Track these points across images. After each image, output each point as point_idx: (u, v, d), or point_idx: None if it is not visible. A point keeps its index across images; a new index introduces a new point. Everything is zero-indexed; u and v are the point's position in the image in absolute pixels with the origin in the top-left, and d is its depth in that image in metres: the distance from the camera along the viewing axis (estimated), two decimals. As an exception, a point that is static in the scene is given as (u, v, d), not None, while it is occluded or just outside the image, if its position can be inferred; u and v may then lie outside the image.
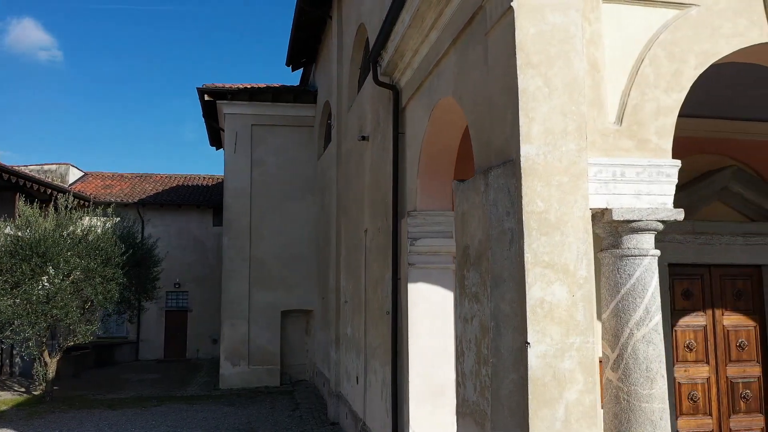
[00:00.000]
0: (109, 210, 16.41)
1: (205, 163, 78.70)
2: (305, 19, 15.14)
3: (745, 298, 8.78)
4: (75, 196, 17.98)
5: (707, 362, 8.56)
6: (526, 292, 3.94)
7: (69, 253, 14.50)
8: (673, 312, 8.47)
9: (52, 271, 14.22)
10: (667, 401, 4.20)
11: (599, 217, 4.29)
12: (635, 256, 4.23)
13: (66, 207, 15.13)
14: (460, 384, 4.84)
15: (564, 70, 4.17)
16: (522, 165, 4.04)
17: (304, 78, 19.87)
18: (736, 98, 8.01)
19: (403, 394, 7.37)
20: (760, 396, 8.64)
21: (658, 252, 4.32)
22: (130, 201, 24.50)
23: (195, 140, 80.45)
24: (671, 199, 4.33)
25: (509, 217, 4.14)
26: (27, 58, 75.63)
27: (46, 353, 15.56)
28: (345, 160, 12.65)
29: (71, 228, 14.85)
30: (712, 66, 5.07)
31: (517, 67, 4.12)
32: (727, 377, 8.58)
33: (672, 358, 8.35)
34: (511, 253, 4.11)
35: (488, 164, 4.53)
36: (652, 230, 4.27)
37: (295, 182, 17.99)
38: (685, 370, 8.51)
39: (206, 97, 17.59)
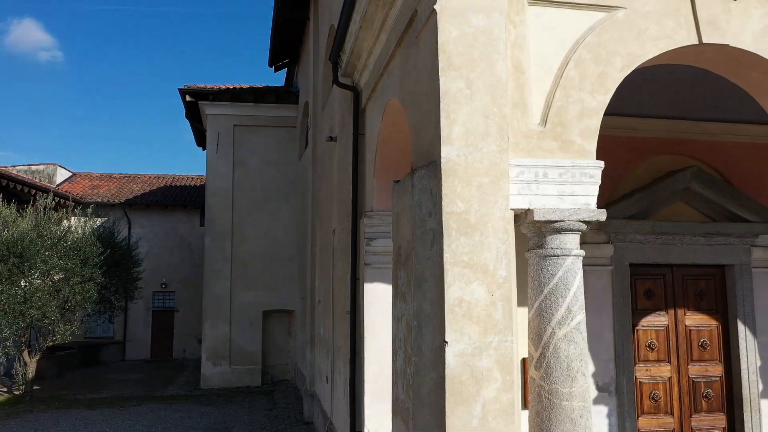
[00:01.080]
0: (89, 210, 16.46)
1: (201, 164, 78.79)
2: (284, 20, 15.20)
3: (708, 298, 8.83)
4: (57, 195, 18.01)
5: (669, 362, 8.62)
6: (445, 292, 3.99)
7: (48, 254, 14.54)
8: (634, 311, 8.52)
9: (29, 271, 14.25)
10: (589, 400, 4.25)
11: (523, 217, 4.34)
12: (558, 256, 4.27)
13: (45, 207, 15.16)
14: (394, 383, 4.89)
15: (486, 73, 4.21)
16: (442, 166, 4.09)
17: (289, 79, 19.93)
18: (698, 99, 8.07)
19: (360, 392, 7.42)
20: (721, 395, 8.69)
21: (582, 252, 4.36)
22: (116, 201, 24.55)
23: (194, 141, 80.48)
24: (594, 199, 4.37)
25: (431, 218, 4.19)
26: (27, 58, 75.89)
27: (25, 353, 15.60)
28: (319, 161, 12.71)
29: (50, 228, 14.87)
30: (675, 67, 5.12)
31: (439, 69, 4.17)
32: (688, 376, 8.64)
33: (633, 358, 8.41)
34: (433, 253, 4.15)
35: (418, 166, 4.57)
36: (575, 230, 4.32)
37: (278, 183, 18.05)
38: (647, 370, 8.56)
39: (188, 98, 17.64)
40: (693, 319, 8.76)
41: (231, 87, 17.95)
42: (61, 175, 26.66)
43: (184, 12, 73.83)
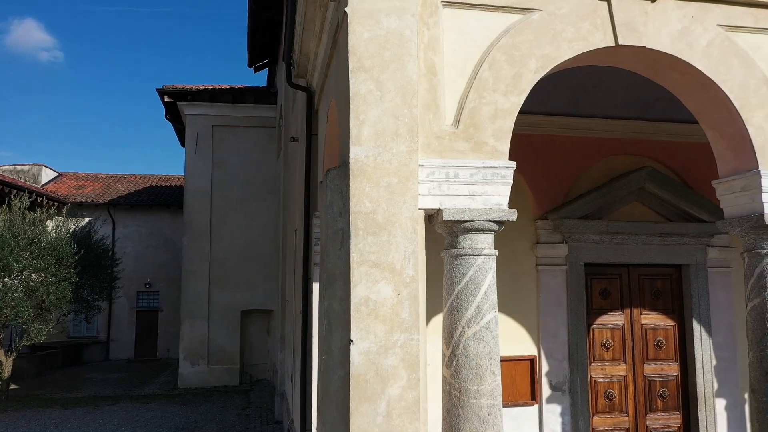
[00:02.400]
0: (64, 210, 16.52)
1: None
2: (260, 22, 15.22)
3: (664, 298, 8.89)
4: (39, 195, 18.03)
5: (624, 361, 8.67)
6: (351, 291, 4.03)
7: (24, 254, 14.56)
8: (590, 311, 8.58)
9: (2, 271, 14.26)
10: (499, 398, 4.29)
11: (436, 217, 4.38)
12: (469, 255, 4.32)
13: (19, 207, 15.19)
14: (317, 381, 4.94)
15: (397, 74, 4.26)
16: (351, 167, 4.13)
17: (271, 79, 19.96)
18: (654, 99, 8.10)
19: (309, 390, 7.48)
20: (677, 394, 8.75)
21: (494, 252, 4.40)
22: (100, 201, 24.57)
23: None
24: (506, 199, 4.41)
25: (341, 218, 4.24)
26: (28, 58, 76.23)
27: (1, 353, 15.62)
28: (289, 161, 12.77)
29: (24, 228, 14.88)
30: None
31: (349, 71, 4.22)
32: (644, 376, 8.70)
33: (588, 357, 8.46)
34: (342, 253, 4.20)
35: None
36: (487, 230, 4.35)
37: (257, 183, 18.09)
38: (602, 369, 8.62)
39: (166, 98, 17.68)
40: (649, 319, 8.82)
41: (210, 87, 17.99)
42: (47, 175, 26.69)
43: (185, 13, 74.19)
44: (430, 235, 4.47)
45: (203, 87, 17.95)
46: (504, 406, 8.16)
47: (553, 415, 8.25)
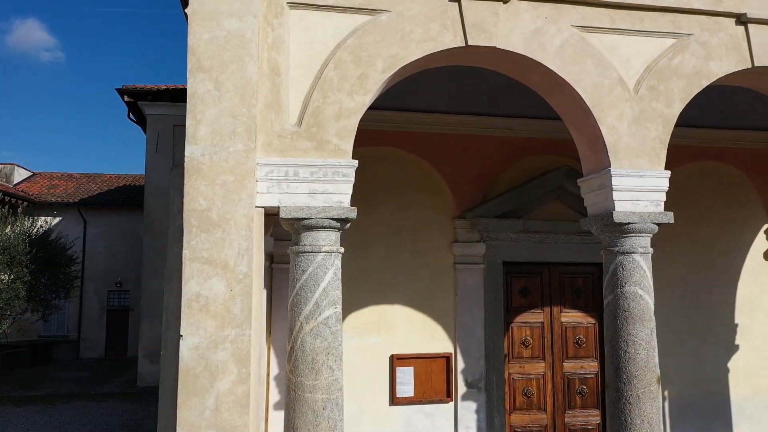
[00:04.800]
0: (19, 210, 16.56)
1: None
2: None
3: (585, 296, 8.93)
4: (6, 194, 18.08)
5: (543, 358, 8.72)
6: (183, 287, 4.11)
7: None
8: (509, 309, 8.62)
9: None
10: (336, 393, 4.36)
11: (279, 215, 4.45)
12: (309, 252, 4.39)
13: (-28, 208, 15.24)
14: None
15: (237, 74, 4.33)
16: (186, 165, 4.21)
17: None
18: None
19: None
20: (597, 391, 8.80)
21: (338, 249, 4.47)
22: (71, 201, 24.60)
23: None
24: (348, 197, 4.48)
25: (180, 215, 4.31)
26: (30, 58, 76.49)
27: (-43, 352, 15.69)
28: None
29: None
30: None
31: (188, 71, 4.29)
32: (563, 373, 8.74)
33: (507, 355, 8.52)
34: (179, 250, 4.28)
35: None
36: (328, 228, 4.43)
37: (218, 182, 18.10)
38: (521, 366, 8.66)
39: (126, 98, 17.70)
40: (569, 317, 8.86)
41: (171, 87, 18.00)
42: (20, 174, 26.71)
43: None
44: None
45: (164, 87, 17.96)
46: (418, 403, 8.27)
47: (469, 412, 8.31)
